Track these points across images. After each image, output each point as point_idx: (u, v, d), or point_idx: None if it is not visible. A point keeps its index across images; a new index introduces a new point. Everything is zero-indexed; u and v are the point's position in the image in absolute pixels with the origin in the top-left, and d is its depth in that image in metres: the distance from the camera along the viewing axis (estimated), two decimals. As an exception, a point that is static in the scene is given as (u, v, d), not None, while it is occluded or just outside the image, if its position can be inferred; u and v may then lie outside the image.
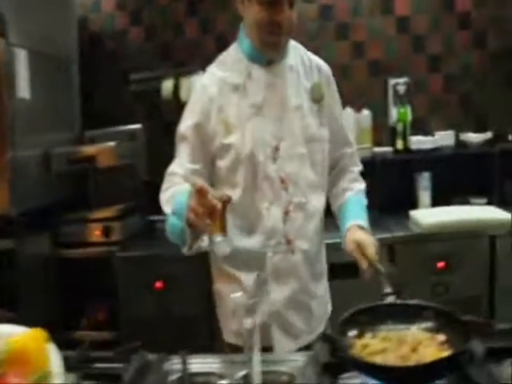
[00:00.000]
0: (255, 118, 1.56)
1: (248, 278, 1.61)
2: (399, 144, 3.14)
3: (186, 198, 1.29)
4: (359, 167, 1.81)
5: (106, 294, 2.98)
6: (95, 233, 3.01)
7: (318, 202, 1.65)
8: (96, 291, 3.11)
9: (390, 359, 1.08)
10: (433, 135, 3.27)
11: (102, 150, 2.97)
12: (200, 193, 1.21)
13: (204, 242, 1.44)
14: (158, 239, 3.24)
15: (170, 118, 3.57)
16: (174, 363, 1.41)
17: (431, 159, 3.18)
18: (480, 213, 2.80)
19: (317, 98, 1.63)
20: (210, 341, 2.43)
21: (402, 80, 3.25)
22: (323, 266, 1.74)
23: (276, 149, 1.57)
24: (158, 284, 2.81)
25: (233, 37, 3.33)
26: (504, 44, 3.30)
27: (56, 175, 3.01)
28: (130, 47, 3.59)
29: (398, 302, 1.30)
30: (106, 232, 3.00)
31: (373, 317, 1.24)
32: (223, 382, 0.95)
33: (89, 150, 3.00)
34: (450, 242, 2.68)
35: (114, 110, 3.58)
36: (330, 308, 1.76)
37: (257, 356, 1.25)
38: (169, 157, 3.49)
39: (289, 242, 1.58)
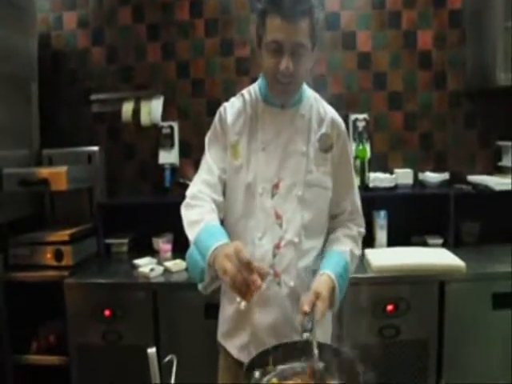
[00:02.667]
0: (261, 153, 1.64)
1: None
2: (357, 181, 3.10)
3: (215, 246, 1.34)
4: (360, 228, 1.81)
5: (57, 317, 2.95)
6: (47, 256, 2.98)
7: (312, 244, 1.68)
8: (47, 314, 3.09)
9: None
10: (391, 173, 3.27)
11: (55, 173, 2.90)
12: (246, 265, 1.22)
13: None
14: (112, 262, 3.23)
15: (128, 141, 3.55)
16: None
17: (389, 197, 3.16)
18: (432, 257, 2.75)
19: (325, 148, 1.68)
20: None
21: (361, 116, 3.24)
22: None
23: (276, 186, 1.63)
24: (107, 312, 2.76)
25: (194, 63, 3.38)
26: (463, 85, 3.31)
27: (8, 195, 2.97)
28: (91, 67, 3.54)
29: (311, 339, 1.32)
30: (57, 256, 2.97)
31: (283, 354, 1.31)
32: None
33: (41, 172, 2.92)
34: (399, 285, 2.65)
35: (74, 129, 3.56)
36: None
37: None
38: (127, 179, 3.53)
39: (276, 274, 1.62)
